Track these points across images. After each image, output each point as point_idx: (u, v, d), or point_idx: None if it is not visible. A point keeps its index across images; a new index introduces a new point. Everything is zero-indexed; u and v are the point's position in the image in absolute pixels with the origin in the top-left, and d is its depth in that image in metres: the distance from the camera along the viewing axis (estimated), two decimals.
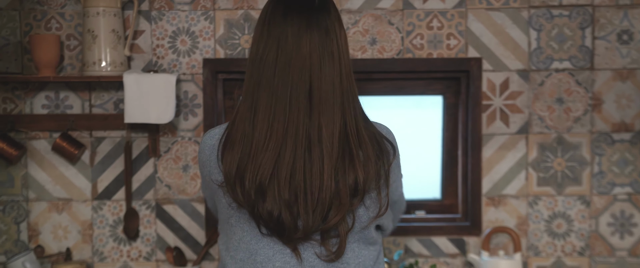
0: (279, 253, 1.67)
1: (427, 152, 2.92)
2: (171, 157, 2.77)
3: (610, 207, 2.82)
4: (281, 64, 1.60)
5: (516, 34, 2.76)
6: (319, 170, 1.56)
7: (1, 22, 2.73)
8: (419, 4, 2.76)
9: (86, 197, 2.78)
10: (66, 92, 2.76)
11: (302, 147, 1.57)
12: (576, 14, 2.76)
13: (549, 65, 2.77)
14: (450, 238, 2.82)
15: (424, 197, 2.93)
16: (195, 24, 2.75)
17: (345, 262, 1.68)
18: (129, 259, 2.79)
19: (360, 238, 1.69)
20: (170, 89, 2.61)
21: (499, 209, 2.81)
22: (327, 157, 1.57)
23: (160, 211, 2.79)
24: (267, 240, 1.67)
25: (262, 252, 1.67)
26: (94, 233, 2.79)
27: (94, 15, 2.61)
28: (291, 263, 1.67)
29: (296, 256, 1.65)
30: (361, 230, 1.69)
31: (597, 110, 2.79)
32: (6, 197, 2.77)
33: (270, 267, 1.67)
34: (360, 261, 1.70)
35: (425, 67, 2.76)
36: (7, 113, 2.75)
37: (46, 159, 2.76)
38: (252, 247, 1.68)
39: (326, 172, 1.56)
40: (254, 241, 1.68)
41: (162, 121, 2.63)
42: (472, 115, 2.77)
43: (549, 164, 2.80)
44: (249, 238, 1.68)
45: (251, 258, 1.68)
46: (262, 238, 1.67)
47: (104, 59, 2.62)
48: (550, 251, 2.82)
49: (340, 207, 1.58)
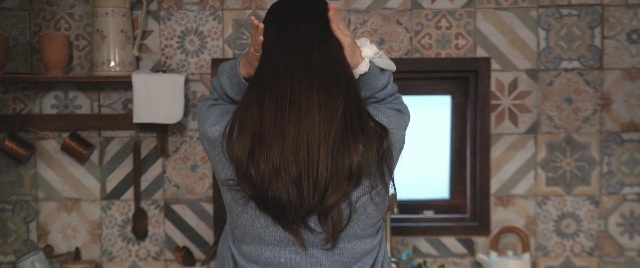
0: (285, 249, 1.69)
1: (436, 152, 2.92)
2: (180, 157, 2.78)
3: (620, 207, 2.81)
4: (280, 49, 1.66)
5: (525, 33, 2.75)
6: (317, 150, 1.59)
7: (11, 23, 2.74)
8: (427, 4, 2.75)
9: (95, 197, 2.79)
10: (75, 92, 2.77)
11: (304, 125, 1.60)
12: (585, 13, 2.75)
13: (558, 64, 2.77)
14: (458, 238, 2.82)
15: (432, 197, 2.93)
16: (203, 24, 2.75)
17: (346, 251, 1.70)
18: (137, 259, 2.80)
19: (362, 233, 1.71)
20: (179, 89, 2.62)
21: (507, 209, 2.80)
22: (324, 136, 1.59)
23: (168, 211, 2.79)
24: (272, 238, 1.68)
25: (267, 248, 1.70)
26: (102, 233, 2.80)
27: (102, 16, 2.62)
28: (296, 260, 1.70)
29: (299, 242, 1.65)
30: (367, 227, 1.70)
31: (606, 109, 2.78)
32: (15, 196, 2.78)
33: (276, 262, 1.70)
34: (362, 249, 1.72)
35: (433, 67, 2.75)
36: (16, 113, 2.76)
37: (55, 159, 2.77)
38: (257, 242, 1.70)
39: (323, 153, 1.58)
40: (258, 238, 1.70)
41: (170, 121, 2.63)
42: (480, 115, 2.77)
43: (558, 164, 2.79)
44: (253, 234, 1.70)
45: (255, 253, 1.71)
46: (267, 234, 1.68)
47: (112, 59, 2.63)
48: (559, 251, 2.81)
49: (338, 187, 1.59)
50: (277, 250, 1.70)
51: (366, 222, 1.69)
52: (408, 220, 2.84)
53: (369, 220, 1.69)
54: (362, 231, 1.71)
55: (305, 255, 1.69)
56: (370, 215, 1.69)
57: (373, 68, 1.75)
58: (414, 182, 2.92)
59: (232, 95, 1.77)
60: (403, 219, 2.83)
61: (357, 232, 1.70)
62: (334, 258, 1.71)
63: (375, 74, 1.76)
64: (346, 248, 1.71)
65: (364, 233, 1.72)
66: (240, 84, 1.75)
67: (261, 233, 1.69)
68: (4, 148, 2.68)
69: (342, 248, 1.70)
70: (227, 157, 1.65)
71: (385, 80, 1.79)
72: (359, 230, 1.70)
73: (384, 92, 1.80)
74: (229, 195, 1.71)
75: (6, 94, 2.76)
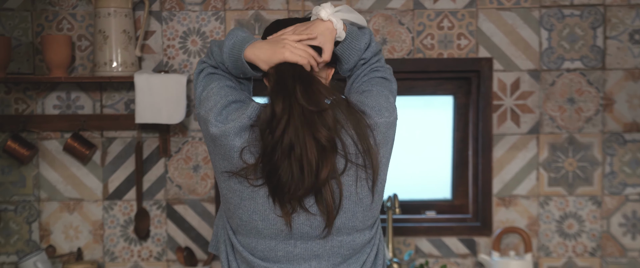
0: (282, 243, 1.69)
1: (438, 152, 2.92)
2: (182, 157, 2.78)
3: (622, 207, 2.80)
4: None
5: (527, 33, 2.75)
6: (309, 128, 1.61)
7: (13, 23, 2.74)
8: (429, 4, 2.75)
9: (97, 197, 2.79)
10: (77, 92, 2.77)
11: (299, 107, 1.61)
12: (588, 13, 2.75)
13: (560, 65, 2.76)
14: (460, 238, 2.81)
15: (434, 197, 2.93)
16: (205, 24, 2.75)
17: (346, 243, 1.71)
18: (139, 259, 2.80)
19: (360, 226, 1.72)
20: (181, 89, 2.62)
21: (509, 209, 2.80)
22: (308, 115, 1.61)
23: (170, 211, 2.79)
24: (269, 231, 1.69)
25: (264, 241, 1.70)
26: (105, 233, 2.80)
27: (105, 16, 2.62)
28: (294, 253, 1.70)
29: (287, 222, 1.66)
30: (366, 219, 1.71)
31: (608, 110, 2.77)
32: (18, 197, 2.79)
33: (272, 255, 1.70)
34: (360, 241, 1.73)
35: (435, 67, 2.75)
36: (18, 113, 2.76)
37: (57, 159, 2.77)
38: (253, 235, 1.71)
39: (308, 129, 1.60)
40: (255, 231, 1.70)
41: (172, 121, 2.63)
42: (482, 115, 2.77)
43: (560, 164, 2.79)
44: (250, 227, 1.70)
45: (250, 245, 1.72)
46: (265, 227, 1.69)
47: (115, 60, 2.63)
48: (561, 251, 2.81)
49: (326, 160, 1.61)
50: (274, 244, 1.70)
51: (360, 210, 1.69)
52: (410, 221, 2.84)
53: (366, 211, 1.70)
54: (361, 223, 1.71)
55: (303, 248, 1.70)
56: (362, 201, 1.69)
57: (351, 30, 1.76)
58: (416, 183, 2.93)
59: (232, 72, 1.76)
60: (405, 219, 2.83)
61: (356, 225, 1.71)
62: (333, 251, 1.71)
63: (355, 35, 1.77)
64: (345, 241, 1.71)
65: (363, 224, 1.72)
66: (245, 70, 1.73)
67: (258, 226, 1.69)
68: (6, 148, 2.68)
69: (340, 241, 1.71)
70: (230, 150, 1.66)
71: (367, 38, 1.80)
72: (358, 222, 1.70)
73: (369, 51, 1.81)
74: (226, 186, 1.70)
75: (9, 95, 2.76)
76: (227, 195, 1.71)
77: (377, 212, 1.75)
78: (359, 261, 1.75)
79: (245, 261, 1.74)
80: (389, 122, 1.71)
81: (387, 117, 1.70)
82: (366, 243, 1.75)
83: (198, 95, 1.74)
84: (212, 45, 1.79)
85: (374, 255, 1.78)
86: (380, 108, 1.70)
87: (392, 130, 1.73)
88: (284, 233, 1.68)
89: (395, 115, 1.73)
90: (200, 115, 1.71)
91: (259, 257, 1.72)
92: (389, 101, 1.74)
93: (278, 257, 1.71)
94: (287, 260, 1.71)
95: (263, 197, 1.66)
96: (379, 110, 1.70)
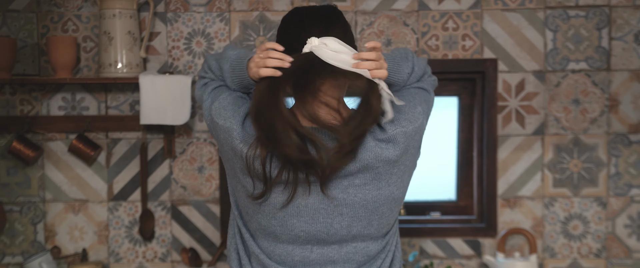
0: (299, 248, 1.71)
1: (442, 153, 2.92)
2: (186, 158, 2.78)
3: (627, 208, 2.80)
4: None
5: (532, 34, 2.75)
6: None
7: (18, 24, 2.75)
8: (434, 5, 2.75)
9: (102, 198, 2.80)
10: (82, 93, 2.77)
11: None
12: (593, 14, 2.75)
13: (565, 66, 2.76)
14: (465, 239, 2.81)
15: (439, 199, 2.93)
16: (210, 25, 2.76)
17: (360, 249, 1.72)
18: (144, 260, 2.81)
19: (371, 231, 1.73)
20: (186, 90, 2.62)
21: (514, 211, 2.80)
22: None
23: (175, 212, 2.80)
24: (286, 236, 1.69)
25: (282, 245, 1.71)
26: (109, 234, 2.81)
27: (110, 17, 2.63)
28: (310, 258, 1.71)
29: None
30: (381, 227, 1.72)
31: (613, 111, 2.77)
32: (23, 198, 2.79)
33: (289, 260, 1.71)
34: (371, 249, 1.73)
35: (440, 68, 2.75)
36: (24, 114, 2.77)
37: (62, 160, 2.78)
38: (271, 239, 1.72)
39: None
40: (273, 235, 1.71)
41: (177, 122, 2.64)
42: (487, 116, 2.76)
43: (565, 165, 2.78)
44: (268, 231, 1.71)
45: (268, 249, 1.73)
46: (283, 232, 1.69)
47: (120, 61, 2.64)
48: (566, 253, 2.81)
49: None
50: (291, 249, 1.71)
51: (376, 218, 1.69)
52: (415, 222, 2.84)
53: (381, 219, 1.70)
54: (376, 231, 1.71)
55: (319, 254, 1.70)
56: (378, 209, 1.69)
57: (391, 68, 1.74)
58: (420, 184, 2.92)
59: (232, 86, 1.75)
60: (410, 221, 2.83)
61: (372, 233, 1.71)
62: (348, 257, 1.72)
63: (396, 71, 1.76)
64: (360, 247, 1.72)
65: (378, 232, 1.72)
66: (247, 84, 1.74)
67: (277, 232, 1.70)
68: (11, 149, 2.69)
69: (355, 247, 1.71)
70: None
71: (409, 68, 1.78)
72: (373, 230, 1.71)
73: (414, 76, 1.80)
74: (243, 192, 1.70)
75: (14, 96, 2.77)
76: (245, 202, 1.72)
77: (393, 219, 1.75)
78: (374, 267, 1.75)
79: (261, 264, 1.75)
80: (406, 131, 1.66)
81: (404, 126, 1.66)
82: (381, 250, 1.76)
83: (207, 105, 1.73)
84: (209, 60, 1.79)
85: (389, 261, 1.78)
86: (399, 118, 1.66)
87: (411, 139, 1.68)
88: (302, 238, 1.69)
89: (416, 124, 1.68)
90: (219, 124, 1.68)
91: (276, 260, 1.73)
92: (414, 110, 1.70)
93: (294, 262, 1.72)
94: (303, 265, 1.72)
95: (281, 203, 1.67)
96: (397, 120, 1.66)
